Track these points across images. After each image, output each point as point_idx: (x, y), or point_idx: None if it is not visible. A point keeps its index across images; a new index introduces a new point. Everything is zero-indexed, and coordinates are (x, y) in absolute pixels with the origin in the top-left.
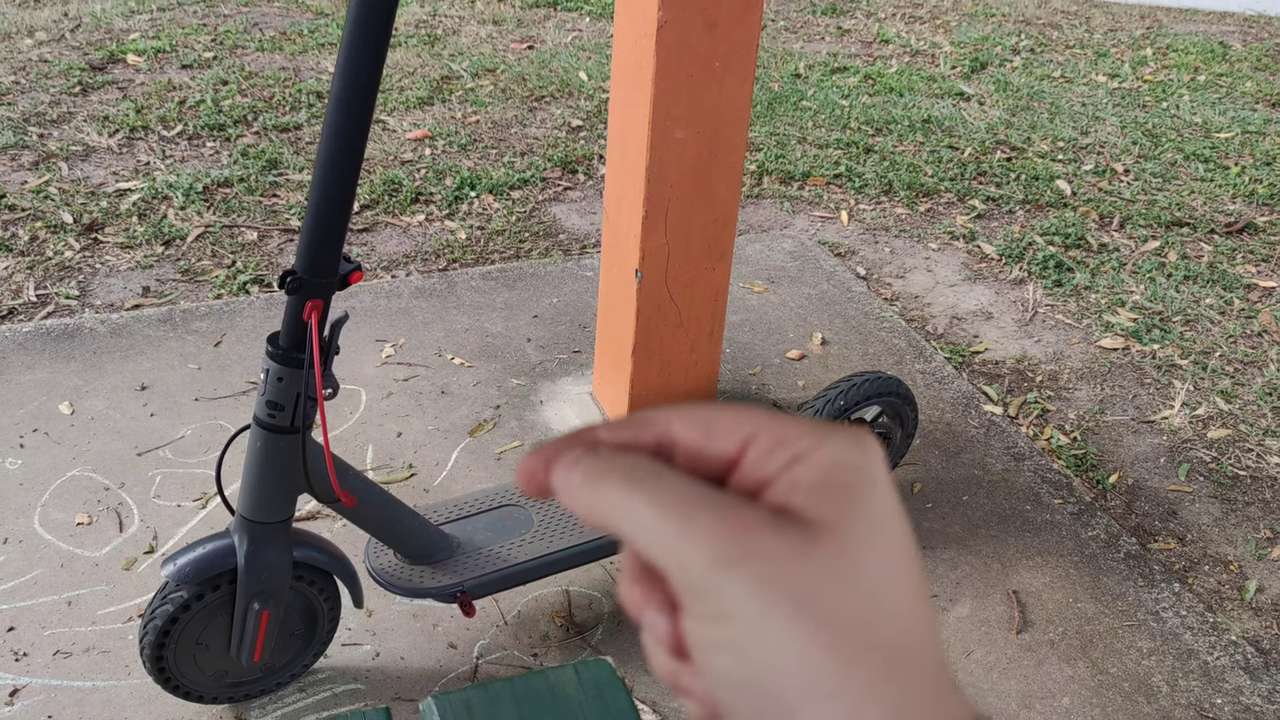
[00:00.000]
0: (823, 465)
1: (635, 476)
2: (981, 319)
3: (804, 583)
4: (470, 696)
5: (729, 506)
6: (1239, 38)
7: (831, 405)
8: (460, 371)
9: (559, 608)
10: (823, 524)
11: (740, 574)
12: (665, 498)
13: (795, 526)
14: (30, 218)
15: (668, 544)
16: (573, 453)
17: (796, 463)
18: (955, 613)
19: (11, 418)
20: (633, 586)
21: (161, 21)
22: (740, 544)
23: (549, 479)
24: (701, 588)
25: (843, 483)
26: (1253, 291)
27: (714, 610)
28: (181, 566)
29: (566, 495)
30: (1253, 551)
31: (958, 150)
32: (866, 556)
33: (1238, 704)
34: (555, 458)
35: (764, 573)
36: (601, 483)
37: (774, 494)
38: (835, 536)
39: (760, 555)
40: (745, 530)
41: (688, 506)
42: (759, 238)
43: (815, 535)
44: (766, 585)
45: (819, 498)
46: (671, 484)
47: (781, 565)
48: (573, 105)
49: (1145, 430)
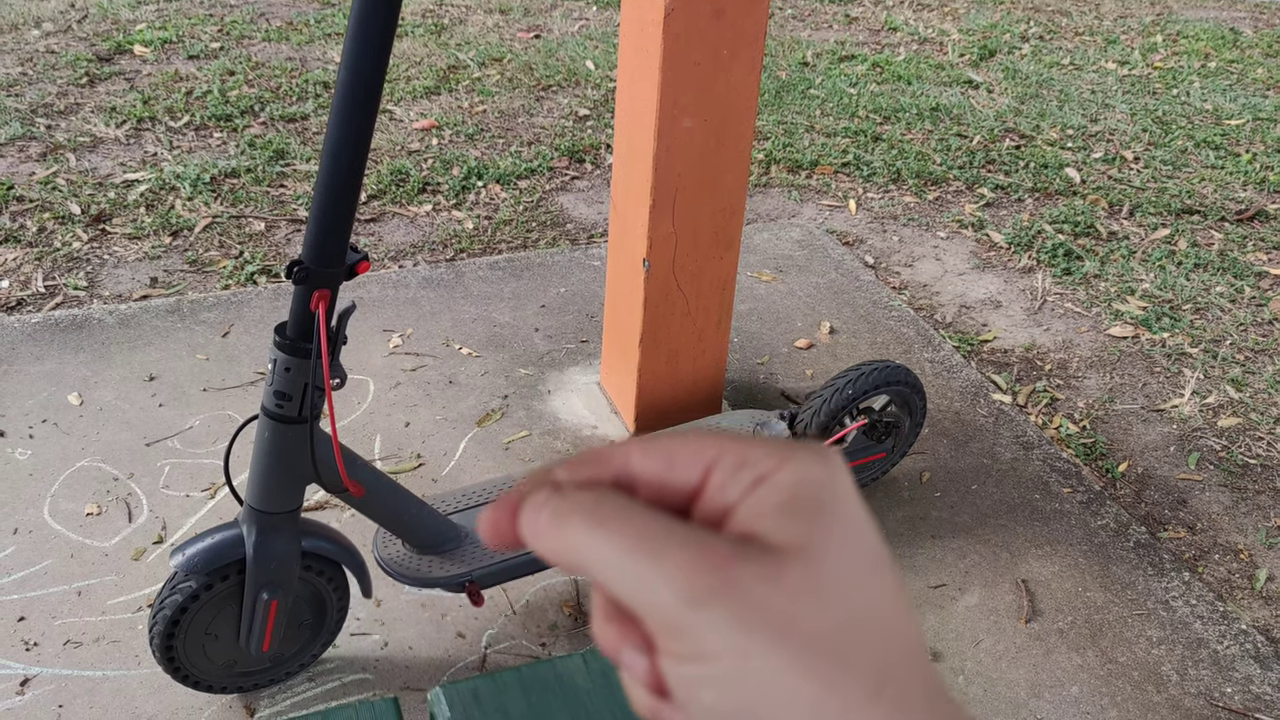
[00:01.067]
0: (786, 485)
1: (599, 514)
2: (990, 307)
3: (778, 611)
4: (478, 686)
5: (696, 540)
6: (1250, 24)
7: (840, 394)
8: (468, 361)
9: (567, 597)
10: (790, 547)
11: (714, 611)
12: (631, 535)
13: (763, 553)
14: (38, 209)
15: (638, 585)
16: (538, 495)
17: (760, 484)
18: (964, 602)
19: (21, 408)
20: (606, 626)
21: (168, 12)
22: (711, 579)
23: (514, 528)
24: (676, 627)
25: (807, 500)
26: (1264, 279)
27: (691, 650)
28: (190, 557)
29: (534, 540)
30: (1263, 540)
31: (966, 138)
32: (838, 573)
33: (1248, 693)
34: (518, 505)
35: (737, 606)
36: (567, 524)
37: (739, 520)
38: (804, 558)
39: (732, 589)
40: (715, 564)
41: (654, 543)
42: (767, 226)
43: (784, 559)
44: (741, 619)
45: (784, 519)
46: (636, 520)
47: (754, 596)
48: (580, 94)
49: (1155, 419)
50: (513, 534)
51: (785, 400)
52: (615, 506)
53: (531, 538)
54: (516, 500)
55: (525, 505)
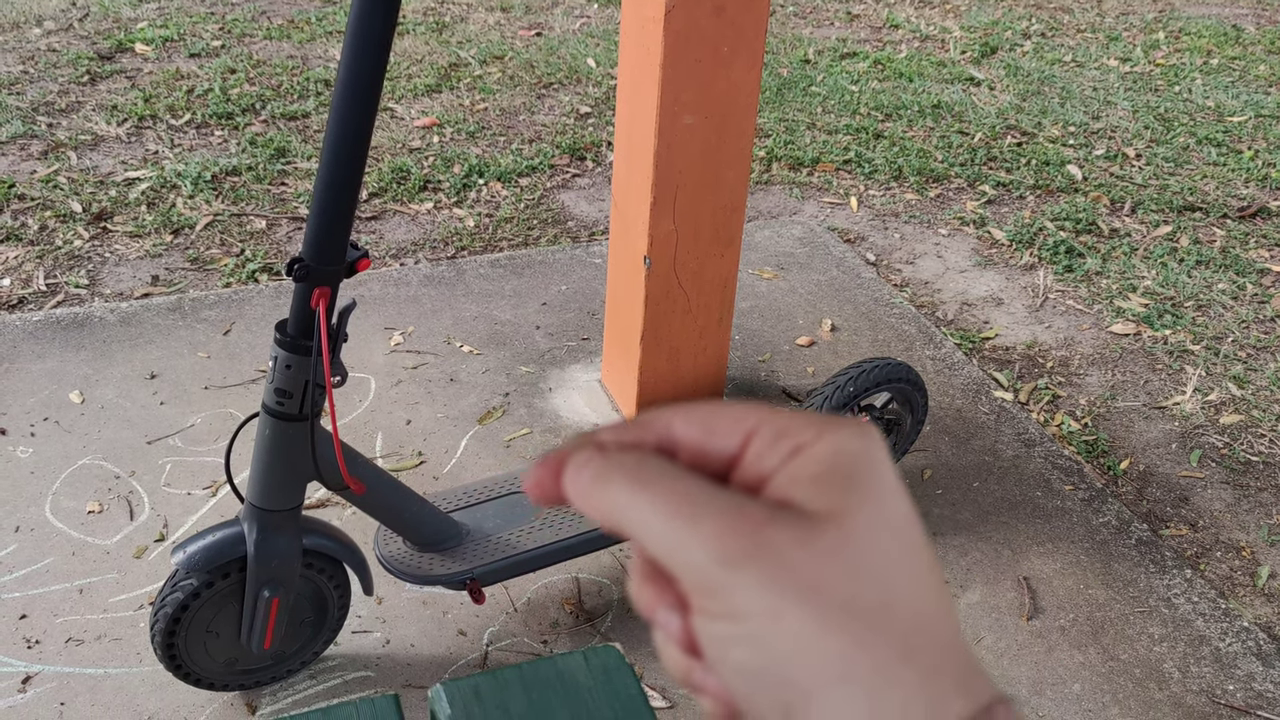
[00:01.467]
0: (823, 455)
1: (641, 476)
2: (992, 305)
3: (810, 572)
4: (480, 683)
5: (733, 505)
6: (1252, 21)
7: (841, 391)
8: (469, 359)
9: (568, 595)
10: (825, 513)
11: (747, 571)
12: (670, 498)
13: (798, 518)
14: (39, 207)
15: (675, 545)
16: (582, 454)
17: (797, 454)
18: (966, 599)
19: (22, 406)
20: (643, 586)
21: (169, 10)
22: (745, 541)
23: (558, 485)
24: (710, 587)
25: (844, 471)
26: (1266, 276)
27: (725, 608)
28: (192, 554)
29: (577, 498)
30: (1265, 537)
31: (968, 135)
32: (871, 542)
33: (1250, 690)
34: (562, 463)
35: (770, 567)
36: (609, 484)
37: (776, 487)
38: (838, 524)
39: (765, 551)
40: (750, 527)
41: (692, 506)
42: (768, 224)
43: (818, 525)
44: (774, 579)
45: (820, 487)
46: (676, 483)
47: (787, 558)
48: (581, 92)
49: (1157, 416)
50: (556, 491)
51: (787, 398)
52: (656, 469)
53: (575, 496)
54: (561, 459)
55: (569, 464)
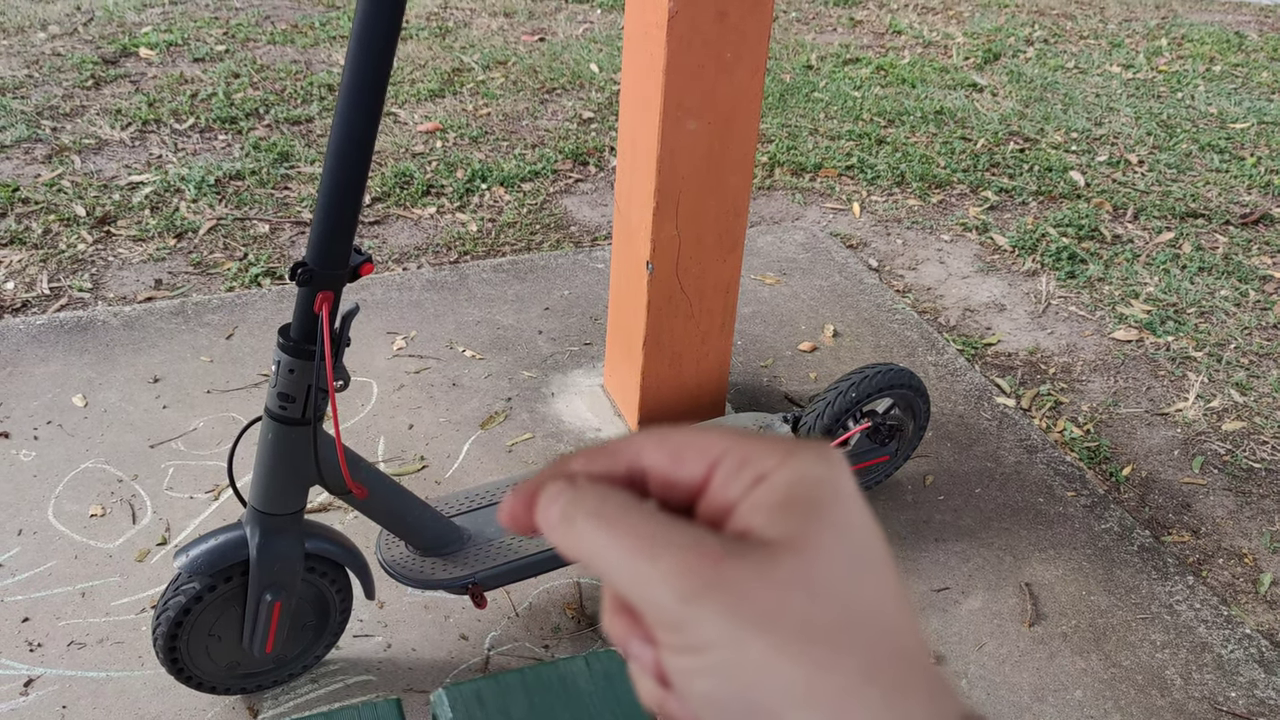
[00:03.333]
0: (785, 483)
1: (603, 513)
2: (994, 311)
3: (769, 601)
4: (481, 687)
5: (690, 540)
6: (1255, 28)
7: (843, 397)
8: (471, 364)
9: (570, 599)
10: (784, 541)
11: (706, 605)
12: (630, 535)
13: (756, 549)
14: (43, 211)
15: (636, 583)
16: (551, 488)
17: (760, 483)
18: (967, 605)
19: (25, 410)
20: (615, 618)
21: (173, 14)
22: (704, 576)
23: (531, 517)
24: (672, 622)
25: (803, 498)
26: (1268, 283)
27: (687, 642)
28: (194, 558)
29: (547, 533)
30: (1268, 544)
31: (970, 141)
32: (830, 567)
33: (1252, 697)
34: (535, 495)
35: (729, 599)
36: (574, 522)
37: (739, 517)
38: (796, 552)
39: (724, 583)
40: (708, 562)
41: (651, 544)
42: (770, 229)
43: (776, 554)
44: (733, 610)
45: (780, 516)
46: (636, 520)
47: (745, 589)
48: (584, 97)
49: (1159, 423)
50: (529, 522)
51: (789, 403)
52: (618, 506)
53: (545, 530)
54: (534, 490)
55: (540, 497)
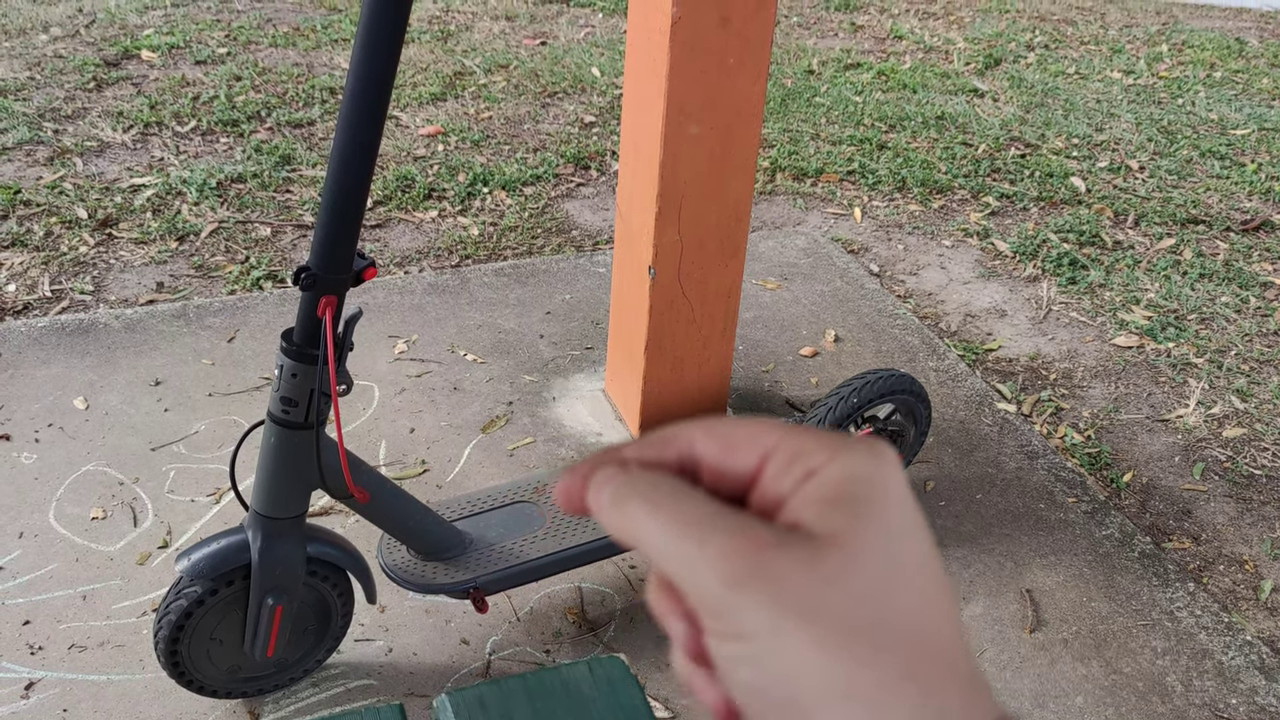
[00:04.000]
0: (835, 479)
1: (654, 498)
2: (995, 316)
3: (813, 594)
4: (483, 692)
5: (739, 527)
6: (1256, 34)
7: (845, 403)
8: (473, 368)
9: (571, 604)
10: (831, 537)
11: (750, 594)
12: (680, 521)
13: (803, 542)
14: (45, 213)
15: (683, 566)
16: (604, 471)
17: (810, 477)
18: (968, 611)
19: (27, 412)
20: (659, 595)
21: (175, 17)
22: (749, 563)
23: (584, 497)
24: (716, 608)
25: (853, 495)
26: (1269, 289)
27: (731, 629)
28: (195, 561)
29: (598, 515)
30: (1268, 551)
31: (971, 147)
32: (876, 563)
33: (1253, 704)
34: (589, 476)
35: (773, 590)
36: (626, 504)
37: (789, 511)
38: (843, 548)
39: (768, 574)
40: (754, 550)
41: (700, 529)
42: (772, 234)
43: (822, 548)
44: (776, 601)
45: (829, 511)
46: (688, 505)
47: (789, 581)
48: (586, 101)
49: (1160, 429)
50: (582, 503)
51: (790, 408)
52: (669, 491)
53: (596, 511)
54: (588, 471)
55: (593, 480)
